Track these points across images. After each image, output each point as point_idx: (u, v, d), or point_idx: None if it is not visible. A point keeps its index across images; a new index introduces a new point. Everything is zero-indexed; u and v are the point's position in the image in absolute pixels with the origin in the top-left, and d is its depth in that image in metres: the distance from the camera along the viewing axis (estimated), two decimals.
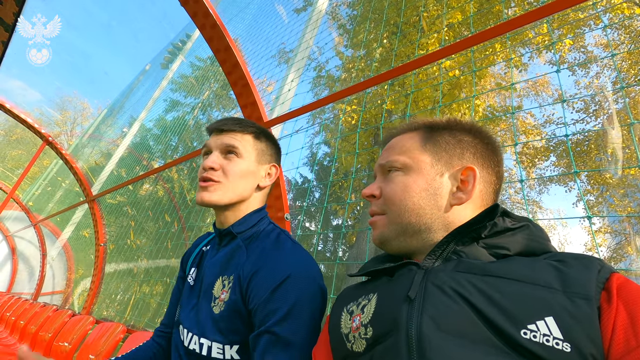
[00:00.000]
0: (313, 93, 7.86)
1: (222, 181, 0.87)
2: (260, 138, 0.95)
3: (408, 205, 0.62)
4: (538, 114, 11.00)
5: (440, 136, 0.67)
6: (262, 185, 0.94)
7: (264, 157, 0.95)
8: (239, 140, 0.91)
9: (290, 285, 0.73)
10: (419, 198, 0.62)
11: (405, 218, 0.62)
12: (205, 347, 0.78)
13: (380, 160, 0.70)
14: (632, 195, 9.21)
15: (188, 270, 0.99)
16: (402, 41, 5.84)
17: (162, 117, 9.63)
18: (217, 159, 0.88)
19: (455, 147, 0.66)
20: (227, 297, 0.79)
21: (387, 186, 0.66)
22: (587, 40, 9.84)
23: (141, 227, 6.28)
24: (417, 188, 0.63)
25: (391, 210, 0.64)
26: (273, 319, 0.71)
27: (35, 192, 10.01)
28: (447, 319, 0.49)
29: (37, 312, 3.79)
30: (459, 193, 0.63)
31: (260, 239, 0.86)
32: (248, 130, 0.93)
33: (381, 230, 0.65)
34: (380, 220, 0.66)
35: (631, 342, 0.42)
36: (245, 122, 0.94)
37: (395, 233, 0.63)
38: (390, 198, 0.64)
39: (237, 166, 0.89)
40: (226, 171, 0.88)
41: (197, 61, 9.86)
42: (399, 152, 0.67)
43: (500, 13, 6.20)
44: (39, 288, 7.30)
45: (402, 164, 0.65)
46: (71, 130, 20.03)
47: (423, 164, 0.65)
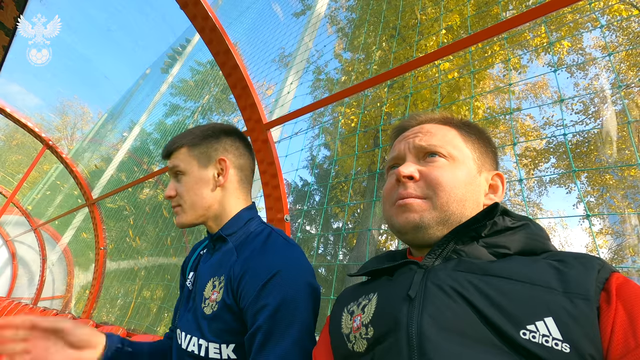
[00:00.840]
0: (312, 96, 7.88)
1: (180, 204, 0.90)
2: (195, 143, 0.93)
3: (457, 195, 0.61)
4: (537, 116, 11.04)
5: (475, 137, 0.69)
6: (221, 184, 0.92)
7: (205, 159, 0.93)
8: (178, 158, 0.92)
9: (278, 282, 0.73)
10: (465, 191, 0.62)
11: (452, 207, 0.60)
12: (203, 348, 0.79)
13: (417, 141, 0.66)
14: (633, 196, 9.21)
15: (187, 276, 1.00)
16: (401, 44, 5.87)
17: (162, 121, 9.65)
18: (172, 185, 0.92)
19: (487, 152, 0.69)
20: (219, 298, 0.80)
21: (434, 170, 0.62)
22: (585, 42, 9.89)
23: (141, 231, 6.28)
24: (464, 180, 0.62)
25: (439, 196, 0.60)
26: (263, 316, 0.71)
27: (35, 196, 10.02)
28: (447, 318, 0.49)
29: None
30: (491, 194, 0.66)
31: (250, 239, 0.86)
32: (180, 144, 0.93)
33: (421, 214, 0.60)
34: (420, 205, 0.61)
35: (630, 343, 0.42)
36: (178, 137, 0.94)
37: (436, 221, 0.60)
38: (439, 183, 0.61)
39: (185, 184, 0.90)
40: (180, 193, 0.91)
41: (197, 65, 9.90)
42: (442, 140, 0.65)
43: (499, 16, 6.23)
44: (39, 293, 7.27)
45: (448, 152, 0.64)
46: (71, 135, 20.08)
47: (467, 158, 0.65)
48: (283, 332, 0.71)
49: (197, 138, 0.93)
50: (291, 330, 0.71)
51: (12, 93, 6.90)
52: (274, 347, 0.70)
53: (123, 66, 37.76)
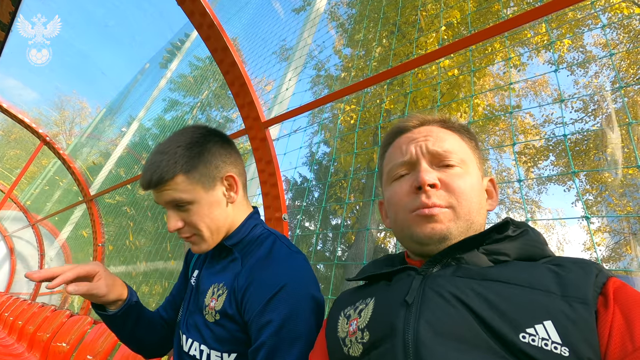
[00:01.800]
0: (312, 92, 7.85)
1: (196, 233, 0.82)
2: (191, 167, 0.80)
3: (475, 203, 0.61)
4: (537, 114, 11.03)
5: (474, 143, 0.69)
6: (231, 201, 0.87)
7: (209, 181, 0.83)
8: (176, 190, 0.79)
9: (284, 296, 0.72)
10: (480, 198, 0.62)
11: (473, 216, 0.60)
12: (205, 354, 0.78)
13: (432, 146, 0.63)
14: (631, 195, 9.23)
15: (191, 271, 0.99)
16: (401, 40, 5.84)
17: (160, 117, 9.61)
18: (175, 216, 0.81)
19: (482, 158, 0.69)
20: (220, 306, 0.79)
21: (456, 180, 0.60)
22: (586, 40, 9.86)
23: (140, 227, 6.27)
24: (478, 188, 0.63)
25: (462, 205, 0.59)
26: (268, 332, 0.70)
27: (33, 191, 9.99)
28: (444, 323, 0.49)
29: (35, 313, 3.78)
30: (490, 200, 0.67)
31: (255, 248, 0.85)
32: (171, 173, 0.78)
33: (447, 225, 0.58)
34: (445, 215, 0.59)
35: (628, 346, 0.42)
36: (167, 162, 0.79)
37: (460, 231, 0.59)
38: (463, 193, 0.59)
39: (195, 214, 0.81)
40: (191, 223, 0.81)
41: (196, 60, 9.85)
42: (454, 146, 0.64)
43: (499, 12, 6.20)
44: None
45: (460, 159, 0.63)
46: (70, 130, 20.00)
47: (474, 165, 0.65)
48: (287, 350, 0.70)
49: (189, 160, 0.81)
50: (295, 348, 0.70)
51: (9, 88, 6.88)
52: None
53: (121, 61, 37.53)
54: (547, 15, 1.03)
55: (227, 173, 0.86)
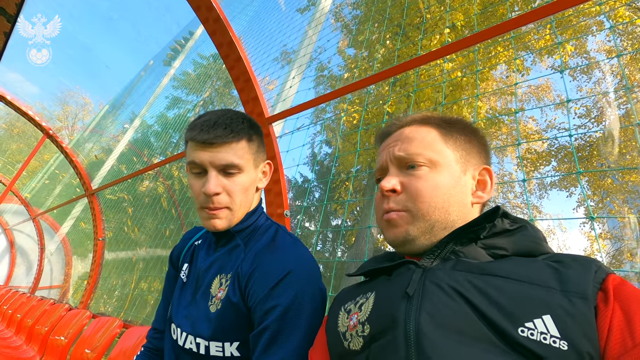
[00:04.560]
0: (315, 91, 7.86)
1: (229, 206, 0.79)
2: (253, 137, 0.83)
3: (438, 203, 0.60)
4: (540, 118, 11.02)
5: (457, 133, 0.67)
6: (260, 187, 0.88)
7: (259, 157, 0.85)
8: (237, 151, 0.78)
9: (289, 283, 0.73)
10: (449, 195, 0.61)
11: (435, 215, 0.60)
12: (203, 346, 0.77)
13: (398, 152, 0.65)
14: (633, 202, 9.21)
15: (180, 267, 0.96)
16: (405, 42, 5.84)
17: (163, 114, 9.62)
18: (218, 181, 0.77)
19: (472, 147, 0.66)
20: (224, 295, 0.78)
21: (415, 182, 0.62)
22: (590, 46, 9.84)
23: (140, 222, 6.28)
24: (446, 185, 0.61)
25: (418, 207, 0.60)
26: (272, 316, 0.71)
27: (35, 185, 10.01)
28: (445, 316, 0.49)
29: (34, 306, 3.79)
30: (479, 192, 0.64)
31: (258, 236, 0.85)
32: (242, 135, 0.79)
33: (405, 228, 0.61)
34: (402, 218, 0.61)
35: (627, 342, 0.42)
36: (236, 124, 0.80)
37: (421, 231, 0.60)
38: (419, 195, 0.60)
39: (241, 184, 0.79)
40: (230, 192, 0.78)
41: (199, 58, 9.86)
42: (420, 145, 0.64)
43: (504, 16, 6.20)
44: (37, 282, 7.29)
45: (427, 158, 0.62)
46: (72, 125, 20.04)
47: (448, 159, 0.63)
48: (290, 333, 0.70)
49: (251, 132, 0.82)
50: (298, 332, 0.71)
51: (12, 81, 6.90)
52: (280, 348, 0.69)
53: (125, 56, 37.55)
54: (552, 15, 1.03)
55: (266, 161, 0.90)
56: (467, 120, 0.71)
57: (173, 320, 0.86)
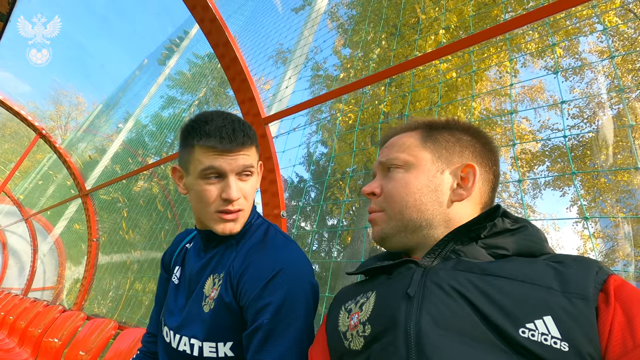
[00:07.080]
0: (311, 91, 7.85)
1: (244, 209, 0.81)
2: (255, 141, 0.85)
3: (409, 202, 0.63)
4: (533, 119, 11.11)
5: (439, 134, 0.68)
6: (257, 187, 0.91)
7: (258, 159, 0.89)
8: (251, 156, 0.81)
9: (280, 280, 0.73)
10: (421, 194, 0.63)
11: (407, 214, 0.63)
12: (196, 347, 0.77)
13: (380, 158, 0.70)
14: (625, 201, 9.32)
15: (172, 270, 0.96)
16: (400, 42, 5.86)
17: (158, 114, 9.55)
18: (238, 186, 0.79)
19: (455, 145, 0.66)
20: (217, 295, 0.78)
21: (388, 183, 0.66)
22: (582, 47, 9.94)
23: (134, 223, 6.23)
24: (419, 184, 0.63)
25: (391, 207, 0.64)
26: (265, 315, 0.70)
27: (27, 186, 9.89)
28: (446, 316, 0.49)
29: (27, 308, 3.74)
30: (460, 189, 0.64)
31: (249, 234, 0.85)
32: (253, 140, 0.82)
33: (381, 227, 0.66)
34: (379, 217, 0.66)
35: (628, 343, 0.42)
36: (248, 129, 0.81)
37: (396, 229, 0.64)
38: (391, 195, 0.65)
39: (253, 187, 0.83)
40: (246, 195, 0.81)
41: (194, 58, 9.80)
42: (398, 149, 0.68)
43: (498, 18, 6.24)
44: (30, 283, 7.21)
45: (402, 161, 0.66)
46: (65, 125, 19.81)
47: (423, 160, 0.65)
48: (283, 332, 0.70)
49: (255, 135, 0.86)
50: (291, 330, 0.71)
51: (4, 79, 6.81)
52: (273, 347, 0.69)
53: (119, 55, 37.12)
54: (546, 18, 1.04)
55: (261, 161, 0.92)
56: (460, 120, 0.71)
57: (165, 323, 0.86)
